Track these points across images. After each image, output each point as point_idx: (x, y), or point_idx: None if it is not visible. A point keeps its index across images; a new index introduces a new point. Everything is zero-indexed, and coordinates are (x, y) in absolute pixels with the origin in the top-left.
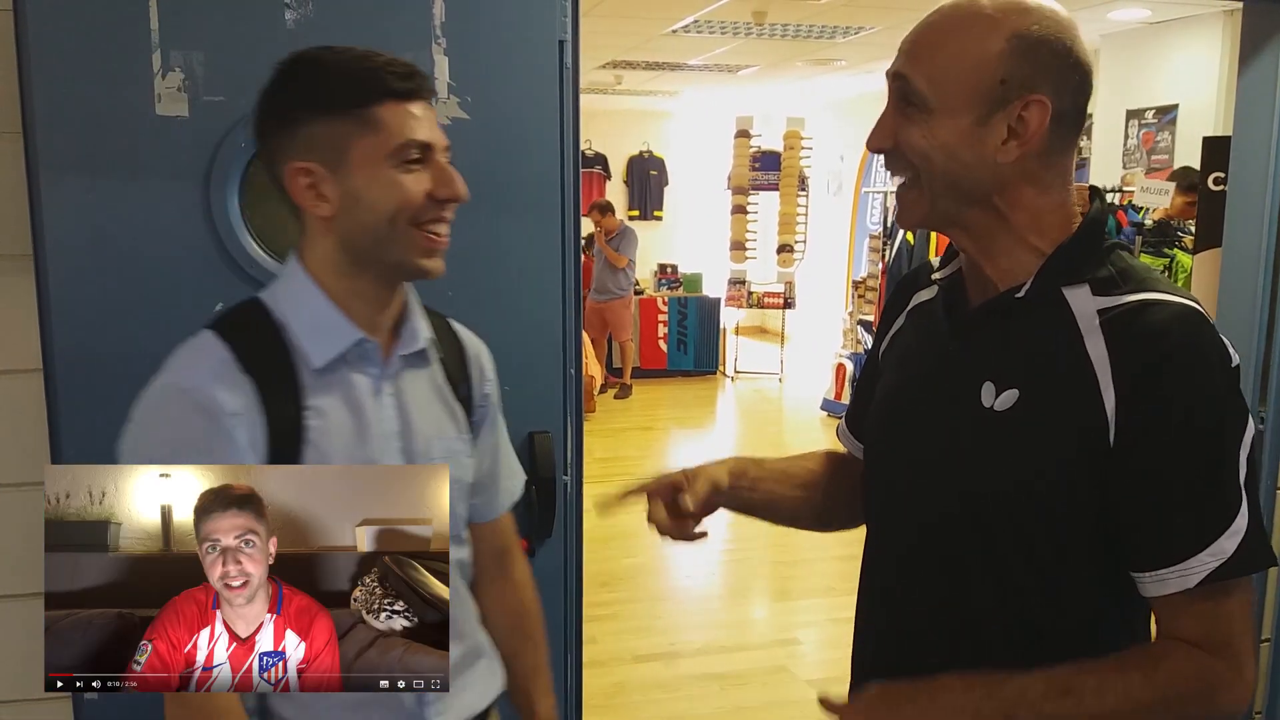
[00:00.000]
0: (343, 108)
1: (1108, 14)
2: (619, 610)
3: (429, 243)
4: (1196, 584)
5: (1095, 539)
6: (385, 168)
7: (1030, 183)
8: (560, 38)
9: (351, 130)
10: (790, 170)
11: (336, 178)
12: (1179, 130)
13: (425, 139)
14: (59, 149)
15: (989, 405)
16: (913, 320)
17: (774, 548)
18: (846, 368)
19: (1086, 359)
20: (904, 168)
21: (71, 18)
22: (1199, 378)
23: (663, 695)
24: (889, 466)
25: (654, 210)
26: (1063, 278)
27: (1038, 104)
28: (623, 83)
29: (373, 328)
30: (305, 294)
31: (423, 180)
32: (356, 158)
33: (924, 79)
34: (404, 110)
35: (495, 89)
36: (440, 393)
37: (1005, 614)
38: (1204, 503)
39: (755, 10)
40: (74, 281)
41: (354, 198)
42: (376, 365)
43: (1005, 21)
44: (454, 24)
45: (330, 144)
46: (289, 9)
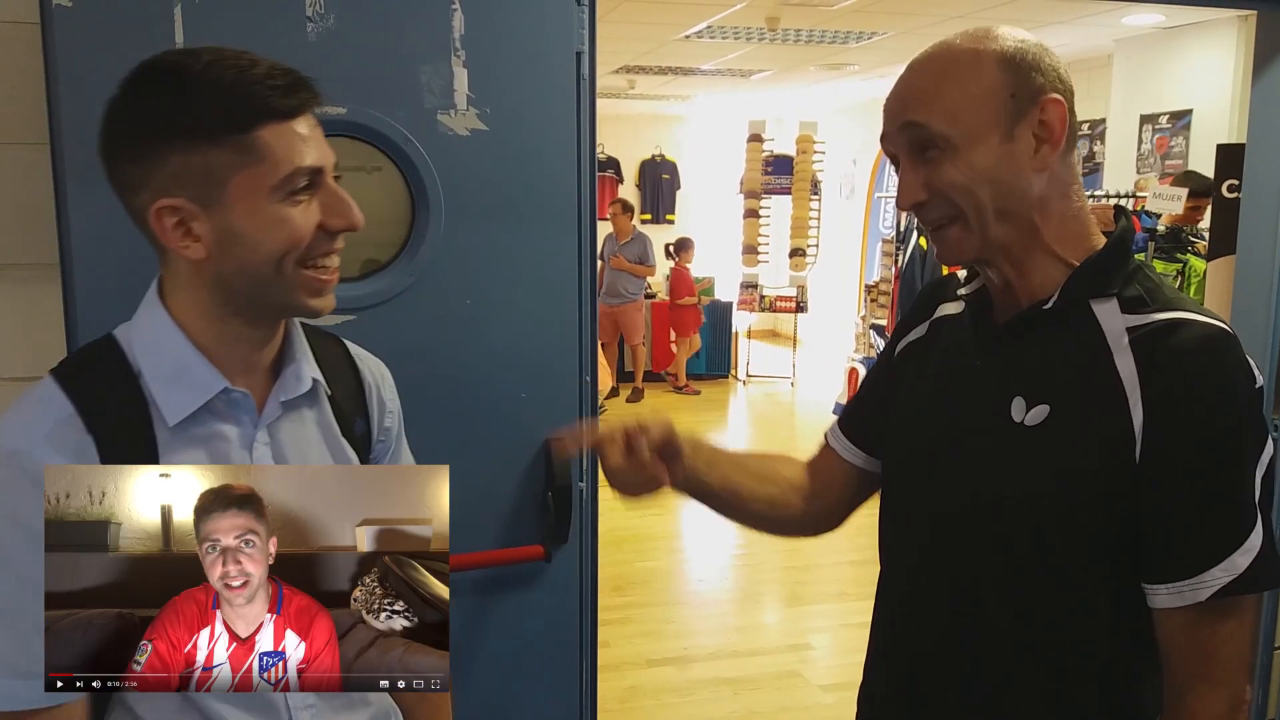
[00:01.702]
0: (215, 135)
1: (1121, 19)
2: (631, 614)
3: (318, 283)
4: (1208, 598)
5: (1116, 552)
6: (269, 202)
7: (1056, 189)
8: (578, 49)
9: (228, 161)
10: (803, 174)
11: (209, 215)
12: (1193, 135)
13: (314, 163)
14: (86, 160)
15: (1019, 420)
16: (935, 331)
17: (786, 553)
18: (859, 372)
19: (1116, 376)
20: (944, 210)
21: (97, 30)
22: (1224, 399)
23: (675, 699)
24: (913, 477)
25: (666, 214)
26: (1090, 290)
27: (1053, 102)
28: (635, 87)
29: (246, 372)
30: (166, 339)
31: (312, 211)
32: (234, 192)
33: (940, 119)
34: (289, 131)
35: (513, 100)
36: (328, 434)
37: (1021, 626)
38: (1220, 520)
39: (768, 16)
40: (100, 290)
41: (232, 237)
42: (249, 413)
43: (986, 49)
44: (473, 37)
45: (202, 177)
46: (311, 22)
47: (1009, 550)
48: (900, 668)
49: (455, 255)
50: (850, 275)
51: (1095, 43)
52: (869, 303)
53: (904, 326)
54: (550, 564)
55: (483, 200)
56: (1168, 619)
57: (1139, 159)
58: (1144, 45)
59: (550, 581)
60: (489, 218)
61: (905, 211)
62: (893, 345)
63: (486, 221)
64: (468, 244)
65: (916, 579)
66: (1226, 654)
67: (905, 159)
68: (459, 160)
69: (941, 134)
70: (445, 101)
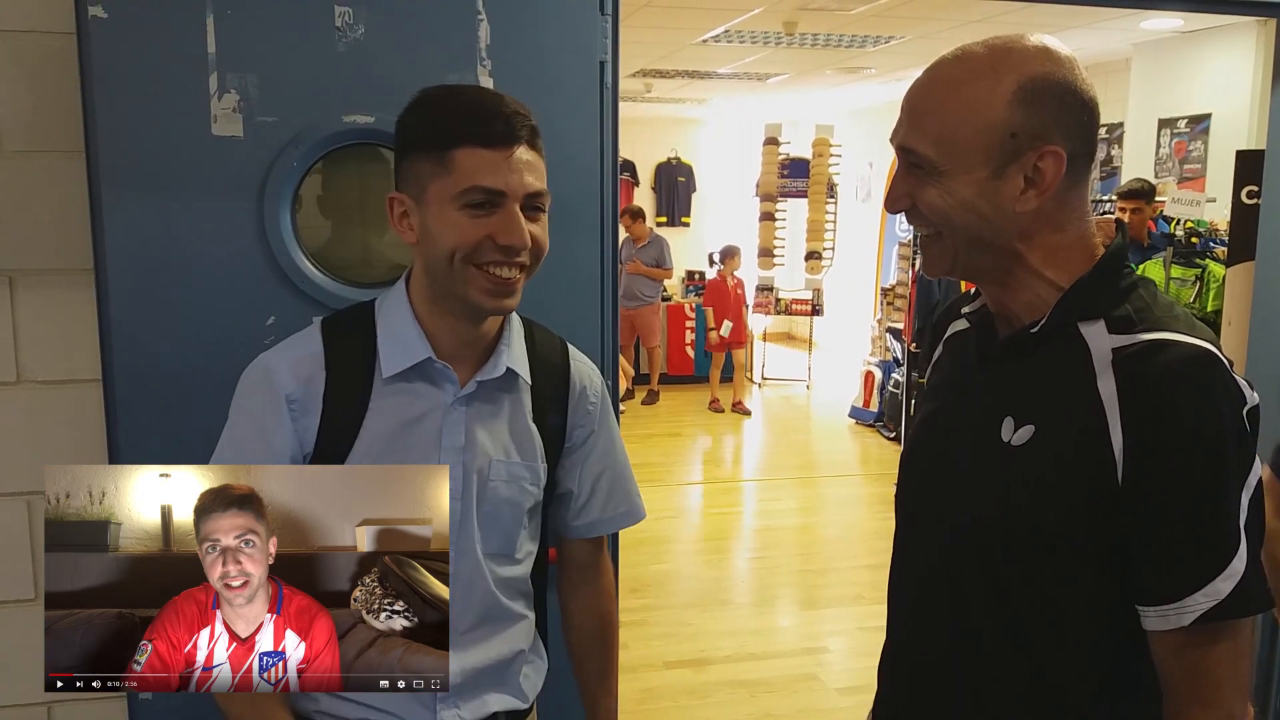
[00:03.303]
0: (425, 148)
1: (1140, 24)
2: (648, 617)
3: (491, 282)
4: (1191, 622)
5: (1103, 574)
6: (451, 208)
7: (1047, 224)
8: (601, 58)
9: (430, 169)
10: (819, 177)
11: (418, 211)
12: (1211, 139)
13: (495, 186)
14: (120, 167)
15: (1007, 440)
16: (948, 350)
17: (801, 556)
18: (875, 375)
19: (1098, 398)
20: (925, 223)
21: (132, 41)
22: (1204, 421)
23: (693, 701)
24: (912, 495)
25: (681, 217)
26: (1078, 312)
27: (1052, 155)
28: (652, 90)
29: (458, 350)
30: (397, 308)
31: (486, 225)
32: (431, 195)
33: (930, 146)
34: (480, 156)
35: (537, 108)
36: (520, 418)
37: (1011, 647)
38: (1201, 545)
39: (786, 21)
40: (133, 295)
41: (426, 231)
42: (453, 383)
43: (1006, 73)
44: (498, 46)
45: (416, 179)
46: (340, 33)
47: (995, 568)
48: (905, 677)
49: None
50: (866, 278)
51: (1114, 46)
52: (885, 306)
53: (928, 353)
54: None
55: None
56: (1159, 641)
57: (1157, 163)
58: (1162, 49)
59: None
60: None
61: (891, 213)
62: (927, 374)
63: None
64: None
65: (922, 592)
66: (1220, 676)
67: (900, 165)
68: None
69: (930, 160)
70: None
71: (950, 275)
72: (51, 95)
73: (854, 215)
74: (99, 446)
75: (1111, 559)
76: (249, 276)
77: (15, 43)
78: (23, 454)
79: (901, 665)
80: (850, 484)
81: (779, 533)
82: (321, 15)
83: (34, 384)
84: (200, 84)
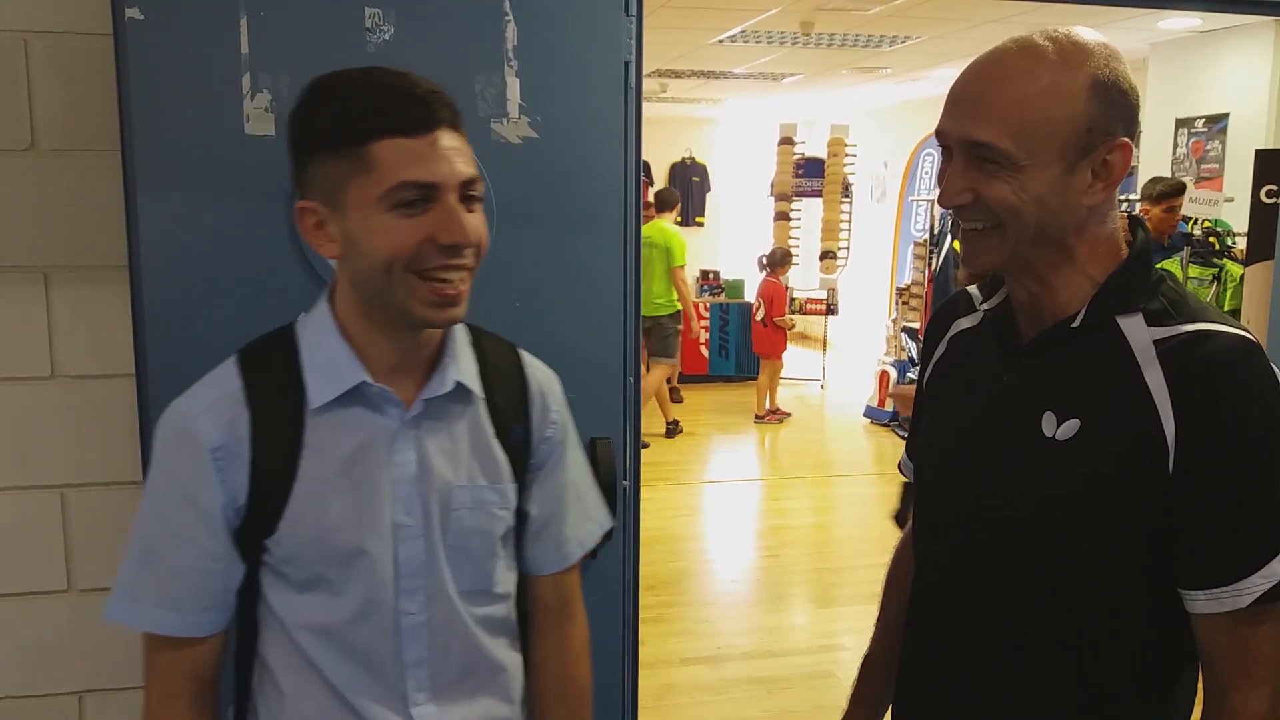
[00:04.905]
0: (337, 144)
1: (1157, 23)
2: (664, 613)
3: (435, 293)
4: (1249, 604)
5: (1149, 562)
6: (377, 211)
7: (1097, 216)
8: (625, 59)
9: (345, 170)
10: (834, 177)
11: (337, 219)
12: (1229, 139)
13: (426, 179)
14: (154, 165)
15: (1050, 435)
16: (954, 348)
17: (816, 554)
18: (890, 375)
19: (1145, 389)
20: (985, 217)
21: (167, 42)
22: (1255, 407)
23: (710, 697)
24: (943, 496)
25: (696, 217)
26: (1116, 306)
27: (1122, 147)
28: (667, 90)
29: (395, 370)
30: (321, 327)
31: (423, 225)
32: (351, 199)
33: (1008, 139)
34: (402, 147)
35: (564, 109)
36: (480, 436)
37: (1056, 640)
38: (1259, 527)
39: (802, 21)
40: (166, 291)
41: (352, 241)
42: (397, 407)
43: (1080, 68)
44: (525, 47)
45: (329, 183)
46: (370, 34)
47: (1041, 558)
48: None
49: (505, 258)
50: (881, 278)
51: (1131, 46)
52: (900, 305)
53: (927, 351)
54: (595, 560)
55: (532, 205)
56: (1208, 624)
57: (1174, 163)
58: (1180, 49)
59: (594, 579)
60: (538, 222)
61: (944, 208)
62: (923, 372)
63: (536, 225)
64: (518, 247)
65: (949, 583)
66: (1269, 653)
67: (959, 159)
68: (511, 166)
69: (1008, 155)
70: (498, 110)
71: (1002, 269)
72: (87, 95)
73: (869, 215)
74: (131, 441)
75: (1154, 544)
76: (281, 274)
77: (52, 44)
78: (56, 448)
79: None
80: (865, 483)
81: (794, 531)
82: (352, 16)
83: (68, 379)
84: (234, 84)
